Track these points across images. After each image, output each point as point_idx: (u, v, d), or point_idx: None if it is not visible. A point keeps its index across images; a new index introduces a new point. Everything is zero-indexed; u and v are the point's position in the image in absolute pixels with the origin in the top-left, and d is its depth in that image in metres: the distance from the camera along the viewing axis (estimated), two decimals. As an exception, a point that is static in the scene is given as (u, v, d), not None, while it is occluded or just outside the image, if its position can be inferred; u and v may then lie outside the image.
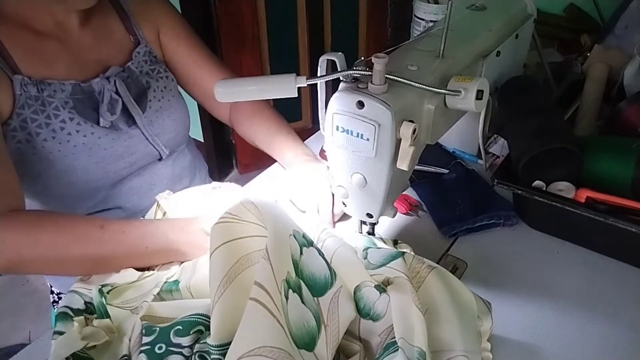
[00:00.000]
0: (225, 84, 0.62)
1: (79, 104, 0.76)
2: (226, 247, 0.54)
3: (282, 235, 0.54)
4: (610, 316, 0.63)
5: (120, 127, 0.80)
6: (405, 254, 0.60)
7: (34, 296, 1.76)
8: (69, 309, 0.60)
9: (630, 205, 0.68)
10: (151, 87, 0.85)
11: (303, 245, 0.56)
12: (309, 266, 0.56)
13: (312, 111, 2.29)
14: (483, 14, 0.81)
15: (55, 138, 0.74)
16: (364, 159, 0.59)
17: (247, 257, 0.55)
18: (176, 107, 0.89)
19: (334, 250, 0.60)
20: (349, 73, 0.56)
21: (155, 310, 0.59)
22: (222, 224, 0.55)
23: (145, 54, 0.86)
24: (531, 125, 0.76)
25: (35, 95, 0.73)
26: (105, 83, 0.78)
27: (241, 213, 0.56)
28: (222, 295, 0.51)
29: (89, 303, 0.62)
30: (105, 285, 0.63)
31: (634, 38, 0.97)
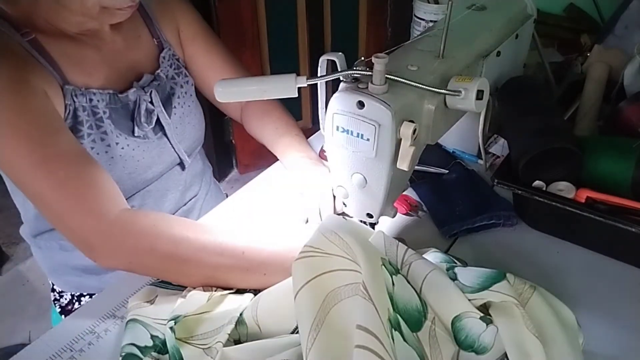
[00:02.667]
0: (225, 84, 0.62)
1: (114, 114, 0.75)
2: (312, 285, 0.50)
3: (376, 266, 0.50)
4: (610, 316, 0.63)
5: (149, 136, 0.80)
6: (507, 274, 0.55)
7: (34, 296, 1.76)
8: (135, 347, 0.56)
9: (630, 205, 0.68)
10: (175, 93, 0.85)
11: (392, 274, 0.52)
12: (402, 297, 0.51)
13: (312, 111, 2.29)
14: (483, 14, 0.81)
15: (94, 149, 0.74)
16: (364, 159, 0.59)
17: (335, 292, 0.51)
18: (195, 113, 0.89)
19: (423, 275, 0.55)
20: (349, 73, 0.56)
21: (229, 356, 0.54)
22: (304, 260, 0.52)
23: (169, 58, 0.86)
24: (531, 125, 0.76)
25: (83, 105, 0.72)
26: (141, 94, 0.78)
27: (323, 245, 0.53)
28: (316, 340, 0.47)
29: (156, 337, 0.58)
30: (177, 319, 0.58)
31: (634, 38, 0.97)
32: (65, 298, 0.94)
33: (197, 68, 0.91)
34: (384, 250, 0.57)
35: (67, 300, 0.93)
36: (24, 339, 1.63)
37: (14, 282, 1.83)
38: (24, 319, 1.69)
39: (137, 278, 0.69)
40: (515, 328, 0.50)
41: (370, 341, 0.44)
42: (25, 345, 0.62)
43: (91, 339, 0.62)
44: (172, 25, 0.88)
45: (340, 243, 0.53)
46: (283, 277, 0.61)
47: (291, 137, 0.87)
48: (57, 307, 0.94)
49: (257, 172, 0.91)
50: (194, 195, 0.96)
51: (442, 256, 0.63)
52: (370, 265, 0.50)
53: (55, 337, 0.63)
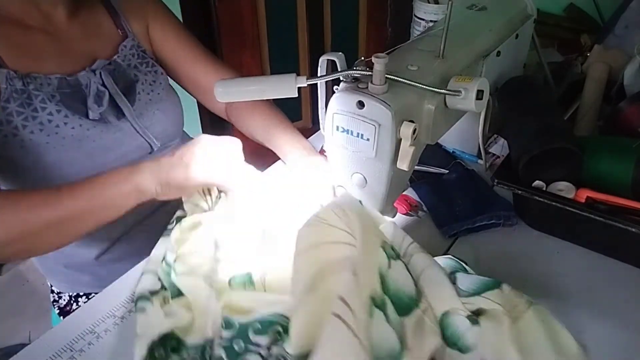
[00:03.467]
0: (225, 84, 0.62)
1: (65, 98, 0.76)
2: (312, 252, 0.52)
3: (372, 246, 0.52)
4: (610, 316, 0.63)
5: (109, 120, 0.81)
6: (502, 284, 0.56)
7: (34, 296, 1.76)
8: (146, 291, 0.60)
9: (630, 205, 0.68)
10: (139, 80, 0.86)
11: (391, 258, 0.54)
12: (396, 281, 0.53)
13: (312, 111, 2.29)
14: (483, 14, 0.81)
15: (43, 130, 0.74)
16: (364, 159, 0.59)
17: (332, 264, 0.52)
18: (166, 100, 0.90)
19: (422, 268, 0.56)
20: (349, 73, 0.56)
21: (232, 299, 0.58)
22: (310, 227, 0.54)
23: (132, 48, 0.87)
24: (531, 125, 0.76)
25: (20, 88, 0.73)
26: (91, 76, 0.79)
27: (330, 217, 0.55)
28: (305, 302, 0.49)
29: (159, 280, 0.63)
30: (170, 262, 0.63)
31: (634, 38, 0.97)
32: (64, 299, 0.94)
33: (170, 63, 0.93)
34: (390, 237, 0.59)
35: (65, 301, 0.93)
36: (24, 339, 1.63)
37: (14, 282, 1.83)
38: (24, 319, 1.69)
39: (137, 278, 0.69)
40: (498, 336, 0.51)
41: (345, 312, 0.46)
42: (25, 345, 0.62)
43: (91, 339, 0.62)
44: (140, 19, 0.90)
45: (345, 218, 0.54)
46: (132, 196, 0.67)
47: (283, 130, 0.88)
48: (56, 309, 0.94)
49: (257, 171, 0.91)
50: None
51: (451, 262, 0.63)
52: (366, 243, 0.51)
53: (55, 337, 0.63)
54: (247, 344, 0.53)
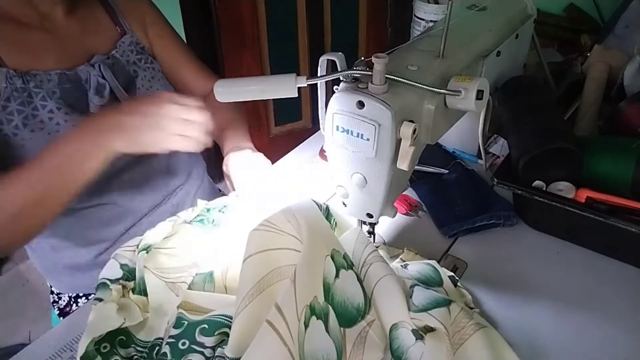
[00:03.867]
0: (225, 84, 0.62)
1: (66, 94, 0.77)
2: (259, 257, 0.52)
3: (317, 255, 0.52)
4: (610, 316, 0.63)
5: None
6: (452, 303, 0.55)
7: (34, 296, 1.76)
8: (107, 280, 0.60)
9: (630, 205, 0.68)
10: (139, 75, 0.86)
11: (341, 268, 0.53)
12: (342, 291, 0.52)
13: (312, 111, 2.29)
14: (483, 14, 0.81)
15: (44, 129, 0.74)
16: (364, 159, 0.59)
17: (279, 270, 0.53)
18: None
19: (378, 277, 0.55)
20: (349, 73, 0.56)
21: (192, 298, 0.58)
22: (259, 232, 0.54)
23: (131, 44, 0.87)
24: (531, 125, 0.76)
25: (21, 87, 0.73)
26: (90, 69, 0.80)
27: (280, 223, 0.54)
28: (247, 307, 0.50)
29: (124, 265, 0.62)
30: (148, 248, 0.63)
31: (634, 38, 0.97)
32: (64, 300, 0.94)
33: (162, 65, 0.94)
34: (352, 245, 0.59)
35: (65, 302, 0.93)
36: (24, 339, 1.63)
37: (14, 282, 1.83)
38: (24, 319, 1.69)
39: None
40: (437, 355, 0.50)
41: (277, 320, 0.46)
42: (25, 345, 0.62)
43: (91, 339, 0.62)
44: (138, 19, 0.91)
45: (295, 224, 0.54)
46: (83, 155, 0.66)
47: (230, 131, 0.91)
48: (56, 309, 0.94)
49: (257, 172, 0.91)
50: (180, 185, 0.96)
51: (425, 270, 0.63)
52: (310, 251, 0.51)
53: (55, 337, 0.63)
54: (192, 344, 0.53)
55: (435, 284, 0.62)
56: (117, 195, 0.85)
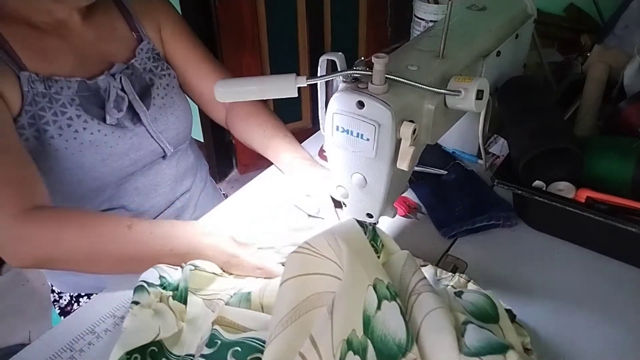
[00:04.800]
0: (225, 84, 0.62)
1: (85, 101, 0.76)
2: (298, 281, 0.51)
3: (358, 285, 0.49)
4: (610, 316, 0.63)
5: (125, 124, 0.80)
6: (509, 350, 0.49)
7: (34, 296, 1.76)
8: (145, 282, 0.60)
9: (630, 205, 0.68)
10: (155, 84, 0.86)
11: (384, 299, 0.50)
12: (383, 325, 0.49)
13: (312, 111, 2.29)
14: (483, 14, 0.81)
15: (62, 135, 0.74)
16: (364, 159, 0.59)
17: (317, 297, 0.51)
18: (179, 104, 0.90)
19: (427, 311, 0.50)
20: (349, 73, 0.56)
21: (227, 313, 0.57)
22: (299, 255, 0.52)
23: (148, 51, 0.87)
24: (531, 125, 0.76)
25: (42, 91, 0.73)
26: (110, 80, 0.79)
27: (321, 246, 0.53)
28: (280, 334, 0.48)
29: (162, 277, 0.62)
30: (197, 266, 0.63)
31: (634, 38, 0.97)
32: (65, 299, 0.93)
33: (178, 68, 0.93)
34: (399, 270, 0.55)
35: (66, 301, 0.93)
36: (24, 339, 1.63)
37: (14, 282, 1.83)
38: (24, 319, 1.69)
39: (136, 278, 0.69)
40: None
41: (311, 353, 0.44)
42: (25, 345, 0.62)
43: (91, 339, 0.62)
44: (153, 22, 0.89)
45: (337, 249, 0.52)
46: (191, 257, 0.65)
47: (281, 139, 0.87)
48: (57, 309, 0.94)
49: (257, 172, 0.91)
50: (186, 190, 0.96)
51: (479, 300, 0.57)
52: (351, 281, 0.48)
53: (55, 337, 0.63)
54: None
55: (490, 320, 0.56)
56: (128, 200, 0.86)
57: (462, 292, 0.59)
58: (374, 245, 0.58)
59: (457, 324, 0.52)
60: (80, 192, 0.79)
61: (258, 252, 0.67)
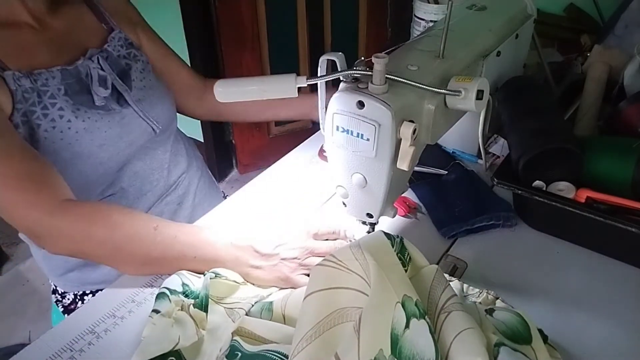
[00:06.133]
0: (225, 84, 0.62)
1: (70, 89, 0.77)
2: (322, 295, 0.50)
3: (386, 301, 0.48)
4: (610, 316, 0.63)
5: (112, 107, 0.82)
6: None
7: (34, 296, 1.76)
8: (167, 289, 0.60)
9: (630, 205, 0.68)
10: (132, 67, 0.88)
11: (412, 316, 0.49)
12: (412, 344, 0.47)
13: (312, 111, 2.29)
14: (483, 14, 0.81)
15: (56, 127, 0.75)
16: (364, 159, 0.59)
17: (342, 312, 0.50)
18: (158, 86, 0.92)
19: (457, 331, 0.49)
20: (349, 73, 0.56)
21: (248, 323, 0.57)
22: (324, 268, 0.51)
23: (120, 40, 0.88)
24: (531, 125, 0.76)
25: (30, 87, 0.73)
26: (89, 63, 0.80)
27: (347, 260, 0.52)
28: (304, 350, 0.47)
29: (185, 285, 0.62)
30: (218, 275, 0.63)
31: (634, 38, 0.97)
32: (68, 298, 0.94)
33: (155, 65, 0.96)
34: (428, 286, 0.54)
35: (69, 300, 0.93)
36: (24, 339, 1.63)
37: (14, 282, 1.83)
38: (24, 319, 1.69)
39: (136, 278, 0.69)
40: None
41: None
42: (25, 345, 0.62)
43: (91, 339, 0.62)
44: (126, 21, 0.93)
45: (363, 263, 0.51)
46: (214, 265, 0.65)
47: None
48: (60, 307, 0.94)
49: (257, 172, 0.91)
50: (182, 173, 0.97)
51: (509, 318, 0.56)
52: (379, 297, 0.47)
53: (55, 337, 0.63)
54: None
55: (523, 341, 0.54)
56: (127, 183, 0.87)
57: (494, 310, 0.58)
58: (402, 259, 0.57)
59: (490, 346, 0.49)
60: (84, 180, 0.80)
61: (281, 263, 0.66)
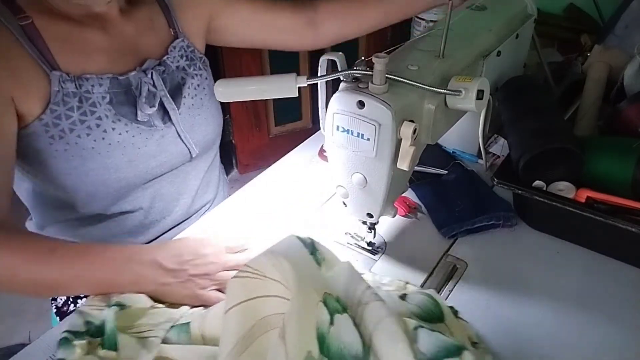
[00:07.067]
0: (225, 84, 0.62)
1: (115, 99, 0.75)
2: (243, 308, 0.49)
3: (308, 303, 0.48)
4: (610, 316, 0.63)
5: (155, 123, 0.79)
6: (464, 351, 0.49)
7: (33, 296, 1.76)
8: (70, 333, 0.57)
9: (630, 205, 0.68)
10: (186, 83, 0.84)
11: (335, 312, 0.50)
12: (339, 339, 0.48)
13: (312, 111, 2.29)
14: (483, 14, 0.81)
15: (90, 135, 0.73)
16: (364, 158, 0.59)
17: (265, 320, 0.49)
18: (208, 107, 0.88)
19: (377, 320, 0.50)
20: (349, 73, 0.56)
21: (167, 352, 0.54)
22: (241, 279, 0.50)
23: (181, 49, 0.85)
24: (531, 125, 0.76)
25: (73, 91, 0.72)
26: (142, 76, 0.77)
27: (263, 268, 0.51)
28: None
29: (89, 323, 0.59)
30: (122, 306, 0.59)
31: (634, 38, 0.97)
32: (61, 299, 0.93)
33: (250, 38, 0.94)
34: (344, 283, 0.54)
35: (62, 301, 0.93)
36: (24, 339, 1.63)
37: (13, 282, 1.83)
38: (24, 319, 1.69)
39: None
40: None
41: None
42: (25, 345, 0.62)
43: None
44: (198, 16, 0.88)
45: (280, 269, 0.50)
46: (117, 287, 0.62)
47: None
48: (54, 308, 0.94)
49: (257, 172, 0.91)
50: (207, 202, 0.95)
51: (422, 300, 0.58)
52: (300, 300, 0.47)
53: (55, 337, 0.62)
54: None
55: (436, 319, 0.57)
56: (149, 203, 0.84)
57: (406, 295, 0.60)
58: (315, 259, 0.57)
59: (409, 330, 0.51)
60: (104, 192, 0.78)
61: (190, 280, 0.63)
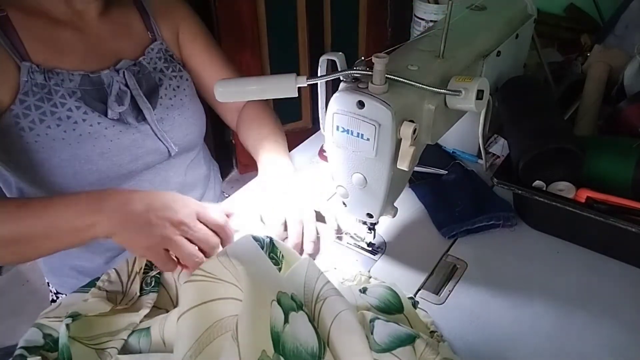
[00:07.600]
0: (225, 84, 0.62)
1: (86, 95, 0.77)
2: (197, 311, 0.49)
3: (261, 303, 0.48)
4: (610, 316, 0.63)
5: (128, 120, 0.80)
6: (417, 339, 0.51)
7: (34, 296, 1.76)
8: (24, 349, 0.54)
9: (630, 205, 0.68)
10: (163, 84, 0.85)
11: (290, 310, 0.50)
12: (294, 337, 0.49)
13: (312, 111, 2.29)
14: (483, 14, 0.81)
15: (60, 126, 0.74)
16: (364, 158, 0.59)
17: (220, 323, 0.49)
18: (189, 107, 0.89)
19: (334, 314, 0.51)
20: (349, 73, 0.56)
21: None
22: (194, 283, 0.50)
23: (159, 52, 0.86)
24: (531, 125, 0.76)
25: (41, 83, 0.73)
26: (114, 75, 0.79)
27: (216, 271, 0.51)
28: None
29: (48, 336, 0.57)
30: (77, 317, 0.56)
31: (634, 38, 0.97)
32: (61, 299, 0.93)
33: (195, 70, 0.93)
34: (302, 279, 0.54)
35: None
36: (24, 339, 1.63)
37: (14, 282, 1.83)
38: (24, 319, 1.69)
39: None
40: None
41: None
42: (25, 345, 0.62)
43: (91, 339, 0.62)
44: (170, 23, 0.89)
45: (233, 270, 0.50)
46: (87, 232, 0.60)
47: (271, 142, 0.86)
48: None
49: (257, 172, 0.91)
50: None
51: (382, 292, 0.59)
52: (252, 300, 0.47)
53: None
54: None
55: (395, 310, 0.59)
56: None
57: (366, 289, 0.61)
58: (275, 258, 0.57)
59: (365, 322, 0.53)
60: (76, 185, 0.79)
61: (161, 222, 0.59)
